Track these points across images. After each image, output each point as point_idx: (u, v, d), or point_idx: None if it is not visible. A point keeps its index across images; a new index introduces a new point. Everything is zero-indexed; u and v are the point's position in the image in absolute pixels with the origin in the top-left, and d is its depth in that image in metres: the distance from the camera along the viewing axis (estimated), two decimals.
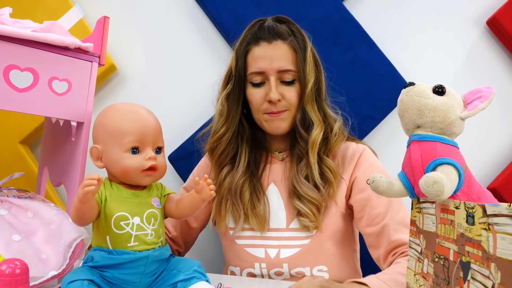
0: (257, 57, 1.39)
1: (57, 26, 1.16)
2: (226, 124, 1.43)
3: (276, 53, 1.37)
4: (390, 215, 1.29)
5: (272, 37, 1.38)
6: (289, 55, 1.37)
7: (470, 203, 0.65)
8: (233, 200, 1.41)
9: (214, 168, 1.48)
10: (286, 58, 1.37)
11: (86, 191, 0.81)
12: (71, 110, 1.15)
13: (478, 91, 0.87)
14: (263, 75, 1.38)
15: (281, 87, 1.37)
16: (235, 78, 1.43)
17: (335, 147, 1.39)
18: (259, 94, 1.39)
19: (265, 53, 1.37)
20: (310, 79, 1.37)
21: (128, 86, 1.99)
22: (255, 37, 1.41)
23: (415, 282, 0.84)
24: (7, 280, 0.80)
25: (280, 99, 1.36)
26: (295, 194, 1.36)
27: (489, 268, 0.58)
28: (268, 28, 1.40)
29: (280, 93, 1.36)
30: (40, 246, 1.03)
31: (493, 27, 1.86)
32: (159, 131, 0.99)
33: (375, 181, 0.88)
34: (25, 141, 1.91)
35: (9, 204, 1.09)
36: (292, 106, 1.38)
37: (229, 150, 1.44)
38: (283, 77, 1.37)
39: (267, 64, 1.36)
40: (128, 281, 0.90)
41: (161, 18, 1.99)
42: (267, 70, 1.36)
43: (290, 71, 1.36)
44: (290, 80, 1.37)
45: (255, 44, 1.40)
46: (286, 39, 1.38)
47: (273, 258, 1.36)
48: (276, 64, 1.36)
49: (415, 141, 0.85)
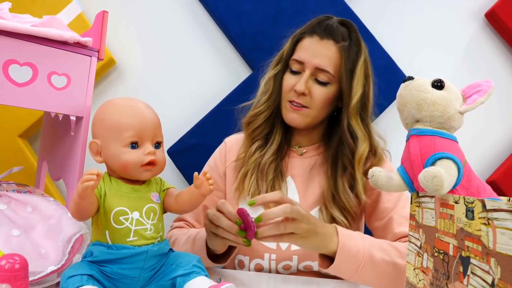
0: (303, 47, 1.40)
1: (56, 21, 1.15)
2: (267, 103, 1.46)
3: (321, 50, 1.36)
4: (396, 210, 1.33)
5: (325, 35, 1.38)
6: (334, 57, 1.36)
7: (470, 198, 0.65)
8: (258, 175, 1.42)
9: (246, 141, 1.50)
10: (329, 59, 1.36)
11: (86, 186, 0.81)
12: (70, 104, 1.15)
13: (477, 85, 0.87)
14: (301, 65, 1.38)
15: (313, 84, 1.37)
16: (284, 61, 1.45)
17: None
18: (290, 81, 1.40)
19: (311, 46, 1.38)
20: (356, 91, 1.36)
21: (127, 80, 1.99)
22: (312, 29, 1.41)
23: (415, 276, 0.84)
24: (7, 275, 0.80)
25: (306, 93, 1.36)
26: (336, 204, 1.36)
27: (489, 263, 0.58)
28: (326, 25, 1.39)
29: (309, 88, 1.36)
30: (39, 241, 1.03)
31: (491, 20, 1.86)
32: (158, 126, 0.98)
33: (374, 176, 0.88)
34: (24, 135, 1.92)
35: (8, 199, 1.09)
36: (315, 106, 1.38)
37: (264, 127, 1.47)
38: (318, 76, 1.36)
39: (308, 56, 1.37)
40: (127, 276, 0.89)
41: (160, 12, 1.99)
42: (305, 62, 1.37)
43: (327, 73, 1.35)
44: (324, 81, 1.36)
45: (308, 35, 1.40)
46: (338, 42, 1.37)
47: (284, 250, 1.36)
48: (316, 60, 1.35)
49: (414, 136, 0.85)
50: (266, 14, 1.92)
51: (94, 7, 1.86)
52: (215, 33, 1.99)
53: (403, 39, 1.92)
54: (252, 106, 1.51)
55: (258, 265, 1.39)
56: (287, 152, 1.50)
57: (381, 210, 1.36)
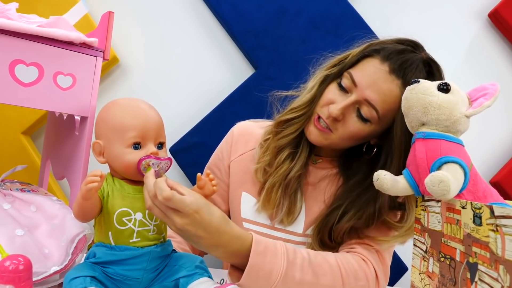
0: (365, 69, 1.18)
1: (63, 21, 1.16)
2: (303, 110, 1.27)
3: (381, 85, 1.15)
4: None
5: (397, 72, 1.14)
6: (392, 99, 1.15)
7: (477, 204, 0.65)
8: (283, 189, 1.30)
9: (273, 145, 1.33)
10: (383, 98, 1.15)
11: (89, 188, 0.81)
12: (76, 104, 1.15)
13: (483, 88, 0.87)
14: (351, 87, 1.18)
15: (352, 112, 1.19)
16: (340, 67, 1.25)
17: None
18: (331, 95, 1.22)
19: (374, 73, 1.16)
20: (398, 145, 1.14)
21: (130, 78, 1.99)
22: (387, 55, 1.17)
23: (420, 281, 0.84)
24: (11, 277, 0.80)
25: (339, 119, 1.19)
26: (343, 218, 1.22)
27: (497, 270, 0.57)
28: (405, 60, 1.16)
29: (344, 115, 1.19)
30: (43, 240, 1.03)
31: (495, 20, 1.86)
32: (161, 126, 0.98)
33: (380, 179, 0.88)
34: (27, 132, 1.93)
35: (12, 198, 1.09)
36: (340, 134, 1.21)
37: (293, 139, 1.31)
38: (362, 108, 1.17)
39: (364, 82, 1.16)
40: (130, 277, 0.89)
41: (162, 11, 1.99)
42: (358, 87, 1.17)
43: (374, 110, 1.15)
44: (365, 118, 1.17)
45: (380, 59, 1.17)
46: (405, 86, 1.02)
47: None
48: (369, 92, 1.15)
49: (420, 139, 0.85)
50: (269, 12, 1.91)
51: (98, 7, 1.87)
52: (218, 32, 1.99)
53: None
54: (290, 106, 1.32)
55: None
56: None
57: None
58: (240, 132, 1.47)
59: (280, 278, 0.99)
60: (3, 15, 1.08)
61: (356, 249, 1.17)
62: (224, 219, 0.95)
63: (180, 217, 0.88)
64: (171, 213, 0.88)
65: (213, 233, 0.92)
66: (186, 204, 0.87)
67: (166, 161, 0.93)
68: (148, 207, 0.89)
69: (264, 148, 1.36)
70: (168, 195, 0.86)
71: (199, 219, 0.89)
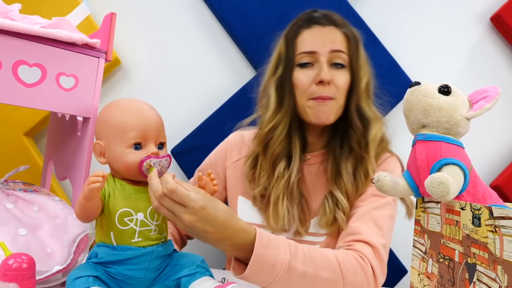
0: (308, 38, 1.32)
1: (65, 22, 1.16)
2: (282, 112, 1.33)
3: (329, 35, 1.31)
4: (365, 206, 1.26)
5: (326, 22, 1.32)
6: (342, 40, 1.31)
7: (477, 205, 0.65)
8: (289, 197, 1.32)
9: (266, 164, 1.36)
10: (339, 41, 1.30)
11: (92, 188, 0.81)
12: (78, 105, 1.16)
13: (484, 91, 0.87)
14: (313, 56, 1.30)
15: (332, 71, 1.29)
16: (285, 62, 1.34)
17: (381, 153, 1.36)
18: (307, 77, 1.30)
19: (317, 33, 1.31)
20: (364, 74, 1.33)
21: (132, 80, 2.00)
22: (308, 21, 1.34)
23: (419, 281, 0.84)
24: (14, 275, 0.80)
25: (330, 81, 1.27)
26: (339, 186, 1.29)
27: (495, 271, 0.58)
28: (323, 14, 1.34)
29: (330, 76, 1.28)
30: (46, 240, 1.04)
31: (497, 23, 1.86)
32: (162, 127, 0.98)
33: (380, 180, 0.88)
34: (29, 133, 1.93)
35: (16, 198, 1.10)
36: (340, 94, 1.30)
37: (285, 142, 1.34)
38: (335, 59, 1.29)
39: (319, 44, 1.30)
40: (132, 277, 0.90)
41: (164, 13, 2.00)
42: (318, 50, 1.29)
43: (343, 53, 1.30)
44: (341, 63, 1.30)
45: (307, 27, 1.33)
46: (339, 27, 1.32)
47: None
48: (328, 45, 1.29)
49: (420, 141, 0.85)
50: (271, 15, 1.92)
51: (100, 8, 1.87)
52: (219, 34, 1.99)
53: (407, 42, 1.92)
54: (260, 125, 1.39)
55: None
56: None
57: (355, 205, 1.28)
58: (235, 140, 1.52)
59: (284, 269, 0.99)
60: (6, 16, 1.09)
61: (353, 246, 1.17)
62: (229, 213, 0.96)
63: (188, 213, 0.88)
64: (178, 210, 0.88)
65: (220, 227, 0.93)
66: (191, 199, 0.88)
67: (166, 158, 0.93)
68: (155, 207, 0.89)
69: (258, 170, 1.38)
70: (173, 187, 0.86)
71: (206, 215, 0.90)
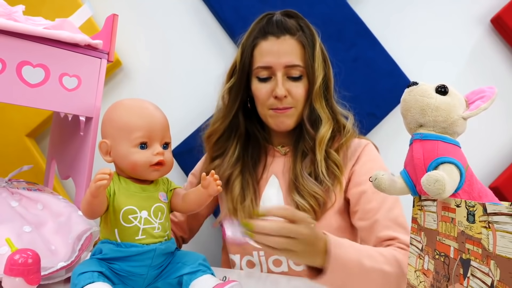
0: (264, 52, 1.37)
1: (68, 24, 1.18)
2: (222, 117, 1.44)
3: (284, 48, 1.34)
4: (382, 211, 1.27)
5: (280, 32, 1.36)
6: (297, 50, 1.35)
7: (471, 202, 0.66)
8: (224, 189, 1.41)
9: (207, 156, 1.49)
10: (294, 54, 1.35)
11: (99, 185, 0.83)
12: (81, 105, 1.17)
13: (481, 91, 0.87)
14: (269, 70, 1.36)
15: (288, 83, 1.35)
16: (239, 72, 1.41)
17: (346, 143, 1.38)
18: (265, 89, 1.37)
19: (272, 47, 1.35)
20: (318, 75, 1.36)
21: (133, 81, 2.00)
22: (263, 31, 1.38)
23: (416, 278, 0.85)
24: (20, 269, 0.82)
25: (287, 95, 1.34)
26: (295, 188, 1.34)
27: (488, 266, 0.59)
28: (277, 23, 1.37)
29: (287, 89, 1.34)
30: (50, 237, 1.05)
31: (497, 25, 1.85)
32: (167, 126, 1.00)
33: (378, 179, 0.88)
34: (31, 134, 1.93)
35: (20, 196, 1.11)
36: (299, 103, 1.37)
37: (222, 142, 1.45)
38: (290, 73, 1.35)
39: (274, 59, 1.34)
40: (135, 273, 0.91)
41: (165, 14, 2.00)
42: (274, 65, 1.34)
43: (298, 67, 1.35)
44: (297, 76, 1.35)
45: (262, 38, 1.38)
46: (294, 34, 1.36)
47: None
48: (283, 59, 1.34)
49: (417, 140, 0.85)
50: None
51: (99, 9, 1.88)
52: (219, 35, 1.99)
53: (407, 43, 1.92)
54: (210, 122, 1.51)
55: (250, 261, 1.40)
56: (270, 152, 1.48)
57: (366, 210, 1.30)
58: None
59: (356, 267, 1.03)
60: (10, 17, 1.10)
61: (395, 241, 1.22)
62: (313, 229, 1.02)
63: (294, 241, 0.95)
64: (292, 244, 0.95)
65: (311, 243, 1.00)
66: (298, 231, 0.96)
67: None
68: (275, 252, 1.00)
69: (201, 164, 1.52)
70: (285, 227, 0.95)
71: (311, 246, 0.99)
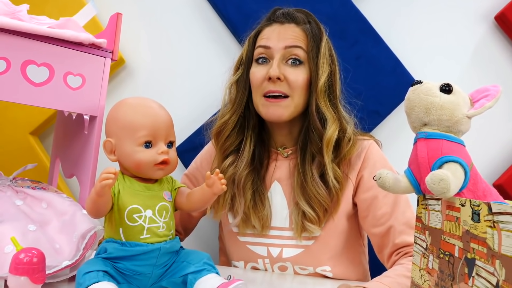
0: (266, 35, 1.34)
1: (72, 23, 1.18)
2: (232, 109, 1.37)
3: (286, 32, 1.31)
4: (395, 216, 1.25)
5: (285, 20, 1.34)
6: (301, 36, 1.31)
7: (476, 201, 0.66)
8: (235, 191, 1.35)
9: (218, 155, 1.41)
10: (296, 37, 1.30)
11: (104, 185, 0.83)
12: (85, 104, 1.17)
13: (485, 89, 0.87)
14: (268, 50, 1.31)
15: (286, 67, 1.29)
16: (245, 63, 1.38)
17: (348, 155, 1.32)
18: (260, 72, 1.31)
19: (274, 31, 1.33)
20: (324, 72, 1.29)
21: (136, 79, 2.00)
22: (268, 19, 1.38)
23: (420, 277, 0.86)
24: (25, 268, 0.82)
25: (281, 78, 1.27)
26: (303, 195, 1.29)
27: (493, 265, 0.59)
28: (283, 12, 1.36)
29: (283, 73, 1.27)
30: (54, 236, 1.05)
31: (501, 22, 1.84)
32: (171, 125, 1.00)
33: (382, 178, 0.88)
34: (35, 132, 1.94)
35: (24, 195, 1.12)
36: (295, 91, 1.29)
37: (235, 136, 1.37)
38: (290, 55, 1.29)
39: (274, 39, 1.31)
40: (140, 272, 0.92)
41: (168, 12, 2.00)
42: (273, 46, 1.30)
43: (298, 48, 1.29)
44: (298, 58, 1.29)
45: (266, 25, 1.36)
46: (299, 24, 1.33)
47: (275, 257, 1.33)
48: (283, 41, 1.29)
49: (421, 139, 0.85)
50: None
51: (102, 8, 1.88)
52: (223, 33, 1.99)
53: (411, 41, 1.91)
54: (218, 116, 1.43)
55: (254, 267, 1.39)
56: (273, 156, 1.41)
57: (378, 216, 1.27)
58: None
59: None
60: (15, 16, 1.10)
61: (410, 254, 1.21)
62: None
63: None
64: None
65: None
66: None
67: None
68: None
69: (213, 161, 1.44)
70: None
71: None
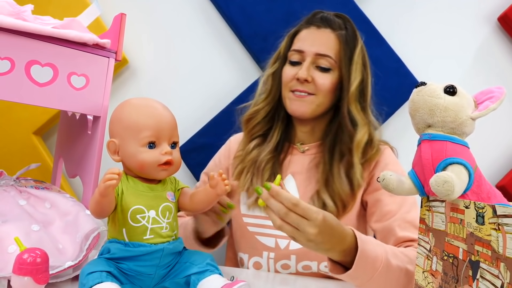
0: (301, 38, 1.43)
1: (76, 23, 1.18)
2: (266, 100, 1.48)
3: (320, 38, 1.39)
4: (400, 214, 1.28)
5: (322, 24, 1.41)
6: (333, 44, 1.39)
7: (480, 203, 0.66)
8: (254, 172, 1.43)
9: (245, 139, 1.52)
10: (328, 45, 1.38)
11: (108, 185, 0.83)
12: (89, 104, 1.17)
13: (489, 91, 0.87)
14: (301, 55, 1.40)
15: (315, 71, 1.38)
16: (282, 58, 1.48)
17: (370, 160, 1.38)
18: (291, 72, 1.41)
19: (310, 35, 1.41)
20: (355, 78, 1.37)
21: (139, 80, 2.00)
22: (307, 22, 1.45)
23: (424, 279, 0.86)
24: (29, 269, 0.82)
25: (309, 80, 1.36)
26: (328, 189, 1.34)
27: (498, 268, 0.59)
28: (322, 17, 1.43)
29: (312, 76, 1.37)
30: (57, 236, 1.05)
31: (504, 24, 1.84)
32: (175, 126, 1.00)
33: (386, 179, 0.88)
34: (38, 132, 1.94)
35: (28, 195, 1.12)
36: (321, 92, 1.38)
37: (264, 124, 1.48)
38: (319, 62, 1.38)
39: (307, 45, 1.39)
40: (143, 273, 0.91)
41: (171, 12, 2.00)
42: (305, 51, 1.39)
43: (328, 57, 1.37)
44: (326, 67, 1.37)
45: (305, 27, 1.44)
46: (335, 30, 1.40)
47: (283, 249, 1.36)
48: (315, 47, 1.38)
49: (425, 140, 0.85)
50: (278, 15, 1.92)
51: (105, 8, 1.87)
52: (226, 34, 2.00)
53: (414, 42, 1.92)
54: (252, 104, 1.52)
55: (257, 263, 1.41)
56: (289, 150, 1.49)
57: (384, 212, 1.31)
58: (236, 138, 1.60)
59: (382, 264, 1.03)
60: (19, 16, 1.10)
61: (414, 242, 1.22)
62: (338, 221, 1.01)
63: (312, 226, 0.93)
64: (304, 224, 0.93)
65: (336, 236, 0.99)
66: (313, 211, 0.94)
67: None
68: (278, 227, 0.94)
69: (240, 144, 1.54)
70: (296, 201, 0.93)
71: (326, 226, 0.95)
